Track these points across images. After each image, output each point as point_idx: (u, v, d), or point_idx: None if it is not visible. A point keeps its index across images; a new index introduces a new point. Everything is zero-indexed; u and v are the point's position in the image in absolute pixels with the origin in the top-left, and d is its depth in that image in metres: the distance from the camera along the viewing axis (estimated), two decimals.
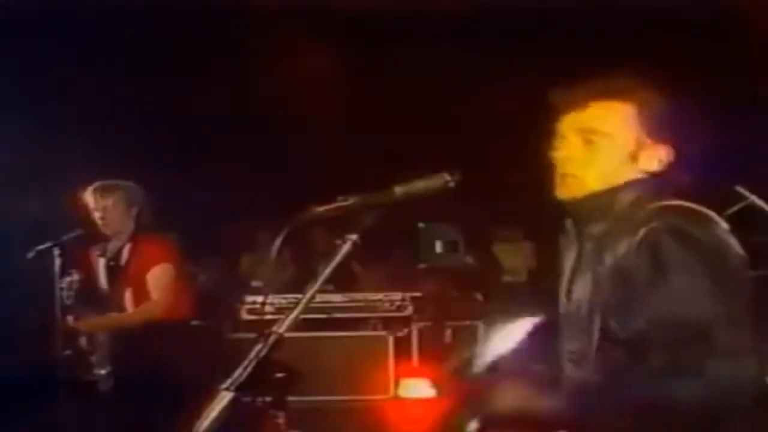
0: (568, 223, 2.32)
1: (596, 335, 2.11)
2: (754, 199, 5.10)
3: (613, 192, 2.22)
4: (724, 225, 2.19)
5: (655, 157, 2.25)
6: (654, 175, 2.25)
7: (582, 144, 2.23)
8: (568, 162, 2.24)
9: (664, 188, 2.24)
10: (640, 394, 1.98)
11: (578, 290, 2.22)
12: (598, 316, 2.11)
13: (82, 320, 5.48)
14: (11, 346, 7.34)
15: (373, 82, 8.73)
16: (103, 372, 5.56)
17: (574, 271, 2.26)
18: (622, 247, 2.10)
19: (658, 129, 2.25)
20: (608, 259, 2.12)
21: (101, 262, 5.56)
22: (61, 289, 5.44)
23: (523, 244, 9.18)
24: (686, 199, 2.22)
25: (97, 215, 5.48)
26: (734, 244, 2.17)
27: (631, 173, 2.23)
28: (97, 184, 5.54)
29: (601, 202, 2.21)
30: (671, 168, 2.27)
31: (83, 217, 5.57)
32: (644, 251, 2.06)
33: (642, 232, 2.08)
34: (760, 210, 5.10)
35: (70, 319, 5.42)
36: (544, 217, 2.38)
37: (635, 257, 2.07)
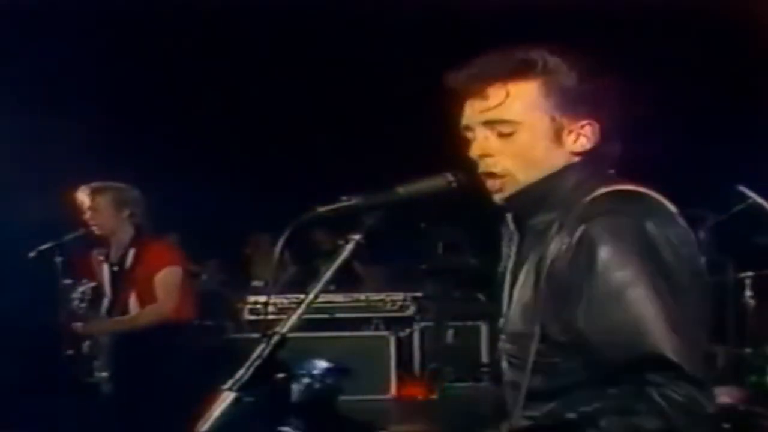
0: (508, 218, 2.17)
1: (535, 338, 1.97)
2: (755, 198, 5.11)
3: (549, 180, 2.03)
4: (668, 210, 1.99)
5: (581, 136, 2.03)
6: (586, 155, 2.04)
7: (496, 138, 2.03)
8: (488, 160, 2.04)
9: (602, 167, 2.06)
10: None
11: (518, 290, 2.07)
12: (538, 318, 1.97)
13: (89, 325, 5.47)
14: (11, 346, 7.34)
15: (374, 81, 8.72)
16: (104, 374, 5.56)
17: (515, 269, 2.11)
18: (561, 244, 1.95)
19: (573, 104, 2.01)
20: (549, 256, 1.96)
21: (105, 267, 5.55)
22: (73, 297, 5.44)
23: None
24: (627, 176, 2.05)
25: (87, 217, 5.46)
26: (676, 238, 1.94)
27: (562, 157, 2.03)
28: (88, 185, 5.51)
29: (539, 192, 2.03)
30: (603, 143, 2.04)
31: (79, 218, 5.56)
32: (583, 247, 1.91)
33: (579, 231, 1.92)
34: (761, 210, 5.10)
35: (78, 324, 5.42)
36: None
37: (572, 257, 1.92)
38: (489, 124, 2.03)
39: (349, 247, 1.95)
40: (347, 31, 8.41)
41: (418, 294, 8.33)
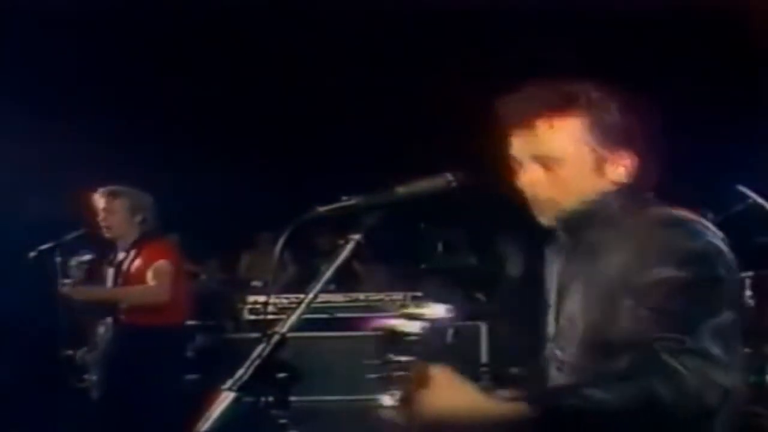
0: (558, 233, 2.27)
1: (586, 346, 2.08)
2: (755, 198, 5.10)
3: (591, 206, 2.15)
4: (717, 234, 2.11)
5: (621, 167, 2.15)
6: (625, 184, 2.16)
7: (542, 171, 2.15)
8: (536, 186, 2.17)
9: (642, 190, 2.18)
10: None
11: (570, 300, 2.17)
12: (590, 327, 2.08)
13: (78, 288, 5.50)
14: (11, 346, 7.34)
15: (374, 81, 8.73)
16: (99, 376, 5.58)
17: (564, 283, 2.21)
18: (616, 256, 2.07)
19: (614, 137, 2.14)
20: (602, 268, 2.09)
21: (110, 272, 5.62)
22: (71, 265, 5.48)
23: None
24: (668, 202, 2.16)
25: (101, 218, 5.52)
26: (727, 255, 2.08)
27: (603, 186, 2.15)
28: (105, 188, 5.58)
29: (587, 213, 2.16)
30: (641, 173, 2.17)
31: (89, 219, 5.59)
32: (638, 262, 2.03)
33: (635, 243, 2.05)
34: (761, 210, 5.10)
35: (67, 286, 5.45)
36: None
37: (629, 267, 2.04)
38: (537, 158, 2.15)
39: (349, 246, 1.95)
40: (348, 31, 8.42)
41: (418, 294, 8.34)
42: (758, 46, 7.57)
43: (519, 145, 2.18)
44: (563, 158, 2.13)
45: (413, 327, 2.06)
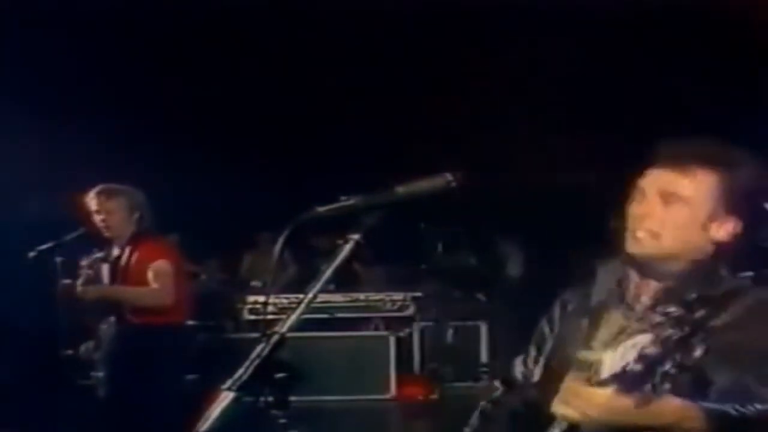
0: (630, 272, 2.31)
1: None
2: None
3: (688, 254, 2.24)
4: None
5: (726, 229, 2.24)
6: (720, 246, 2.25)
7: (661, 204, 2.23)
8: (646, 219, 2.23)
9: (731, 258, 2.29)
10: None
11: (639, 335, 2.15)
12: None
13: (86, 287, 5.50)
14: (11, 346, 7.35)
15: (374, 81, 8.73)
16: (101, 375, 5.59)
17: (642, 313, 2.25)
18: (713, 313, 2.09)
19: (733, 202, 2.24)
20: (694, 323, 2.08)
21: (105, 267, 5.60)
22: (82, 266, 5.48)
23: None
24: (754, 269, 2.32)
25: (99, 218, 5.52)
26: None
27: (702, 241, 2.24)
28: (100, 187, 5.57)
29: (678, 261, 2.24)
30: (735, 239, 2.27)
31: (85, 219, 5.59)
32: (747, 322, 2.13)
33: (748, 302, 2.18)
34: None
35: (78, 286, 5.44)
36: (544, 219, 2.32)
37: (738, 327, 2.12)
38: (664, 194, 2.23)
39: (349, 246, 1.95)
40: (348, 31, 8.42)
41: (418, 294, 8.34)
42: (758, 46, 7.57)
43: (654, 179, 2.25)
44: (690, 201, 2.22)
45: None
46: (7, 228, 7.34)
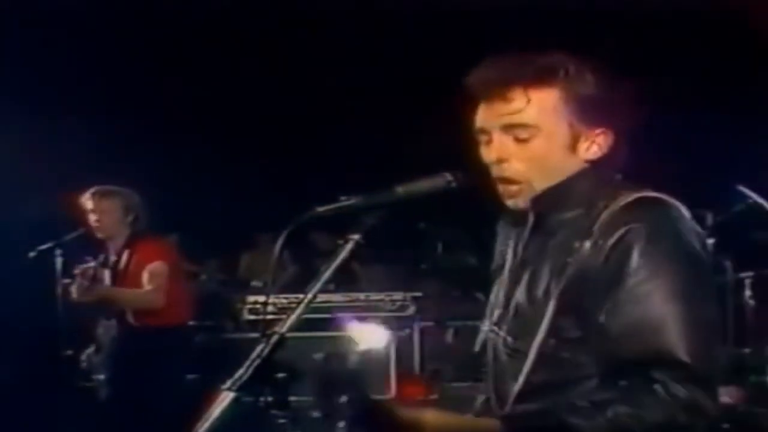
0: (509, 217, 2.20)
1: (543, 331, 2.00)
2: (755, 198, 5.10)
3: (565, 184, 2.05)
4: (688, 216, 2.04)
5: (594, 144, 2.06)
6: (595, 163, 2.07)
7: (513, 143, 2.03)
8: (503, 165, 2.05)
9: (612, 171, 2.10)
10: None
11: (526, 285, 2.08)
12: (552, 312, 1.99)
13: (85, 291, 5.51)
14: (11, 346, 7.34)
15: (374, 81, 8.72)
16: (102, 377, 5.60)
17: (520, 267, 2.13)
18: (591, 245, 1.98)
19: (590, 113, 2.03)
20: (575, 254, 1.99)
21: (106, 273, 5.63)
22: (76, 273, 5.48)
23: None
24: (639, 184, 2.07)
25: (93, 218, 5.53)
26: (704, 248, 2.02)
27: (575, 164, 2.06)
28: (96, 188, 5.58)
29: (555, 197, 2.06)
30: (613, 150, 2.07)
31: (81, 219, 5.61)
32: (618, 250, 1.95)
33: (621, 231, 1.95)
34: (761, 210, 5.09)
35: (72, 289, 5.46)
36: None
37: (605, 257, 1.96)
38: (508, 128, 2.04)
39: (349, 246, 1.95)
40: (348, 31, 8.42)
41: (418, 294, 8.33)
42: (758, 46, 7.56)
43: (489, 116, 2.06)
44: (538, 127, 2.02)
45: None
46: (7, 228, 7.34)
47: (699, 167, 6.88)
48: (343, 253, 1.94)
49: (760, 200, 5.07)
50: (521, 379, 2.03)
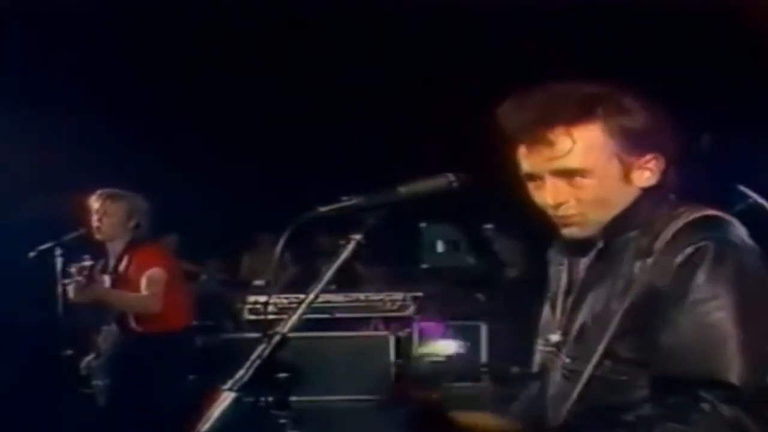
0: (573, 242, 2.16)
1: (600, 352, 1.99)
2: (755, 198, 5.09)
3: (628, 213, 2.05)
4: (745, 232, 2.10)
5: (647, 171, 2.06)
6: (651, 189, 2.07)
7: (567, 186, 2.02)
8: (561, 203, 2.04)
9: (668, 192, 2.11)
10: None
11: (588, 307, 2.08)
12: (611, 333, 1.99)
13: (82, 290, 5.51)
14: (11, 346, 7.34)
15: (374, 81, 8.73)
16: (102, 382, 5.61)
17: (582, 289, 2.11)
18: (654, 259, 1.98)
19: (636, 142, 2.02)
20: (637, 276, 1.99)
21: (106, 279, 5.63)
22: (72, 272, 5.48)
23: None
24: (695, 203, 2.11)
25: (94, 219, 5.53)
26: (764, 267, 2.04)
27: (631, 193, 2.06)
28: (103, 190, 5.59)
29: (618, 223, 2.06)
30: (666, 175, 2.08)
31: (84, 219, 5.61)
32: (686, 268, 1.95)
33: (689, 249, 1.96)
34: (761, 210, 5.09)
35: (70, 289, 5.46)
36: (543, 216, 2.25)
37: (672, 279, 1.96)
38: (559, 173, 2.02)
39: (350, 247, 1.95)
40: (348, 31, 8.42)
41: (418, 294, 8.33)
42: (758, 45, 7.56)
43: (536, 161, 2.04)
44: (588, 170, 2.01)
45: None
46: (7, 228, 7.34)
47: (699, 167, 6.88)
48: (345, 254, 1.94)
49: (760, 200, 5.07)
50: (574, 395, 2.03)
